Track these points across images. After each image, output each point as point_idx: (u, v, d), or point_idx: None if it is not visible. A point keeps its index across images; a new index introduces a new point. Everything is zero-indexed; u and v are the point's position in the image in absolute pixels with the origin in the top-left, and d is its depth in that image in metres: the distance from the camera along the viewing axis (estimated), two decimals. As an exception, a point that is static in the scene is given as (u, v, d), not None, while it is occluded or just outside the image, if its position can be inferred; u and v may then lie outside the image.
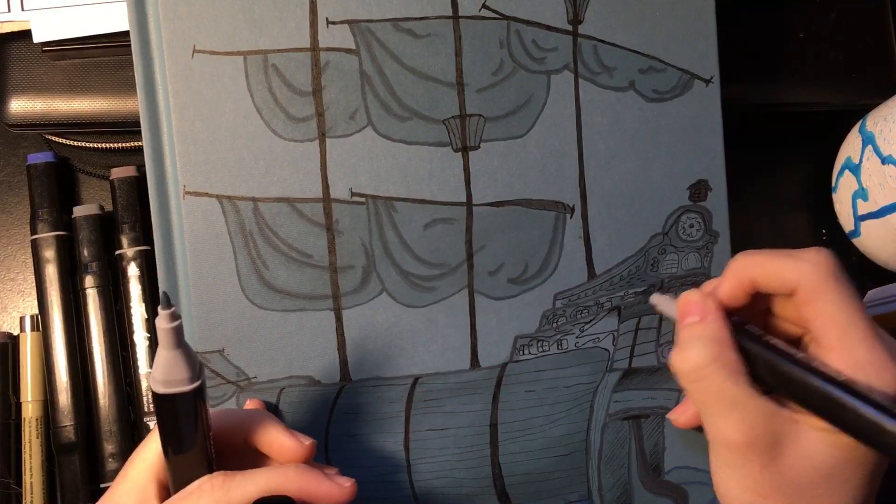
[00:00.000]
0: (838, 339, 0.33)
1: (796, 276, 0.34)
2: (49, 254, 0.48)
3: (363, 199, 0.43)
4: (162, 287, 0.42)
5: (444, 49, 0.43)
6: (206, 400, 0.34)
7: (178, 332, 0.31)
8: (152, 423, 0.47)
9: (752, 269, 0.35)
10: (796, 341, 0.36)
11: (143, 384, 0.48)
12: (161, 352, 0.31)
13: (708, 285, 0.37)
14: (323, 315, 0.43)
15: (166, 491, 0.35)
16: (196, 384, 0.32)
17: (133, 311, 0.48)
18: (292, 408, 0.43)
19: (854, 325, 0.33)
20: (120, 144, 0.51)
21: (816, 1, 0.54)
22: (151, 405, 0.47)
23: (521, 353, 0.44)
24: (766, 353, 0.34)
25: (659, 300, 0.39)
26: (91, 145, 0.51)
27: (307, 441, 0.37)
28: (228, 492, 0.34)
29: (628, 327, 0.45)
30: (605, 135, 0.45)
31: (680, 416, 0.43)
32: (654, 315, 0.46)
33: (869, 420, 0.31)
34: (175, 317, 0.30)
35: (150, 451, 0.36)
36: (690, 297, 0.36)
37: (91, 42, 0.48)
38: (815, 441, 0.33)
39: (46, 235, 0.48)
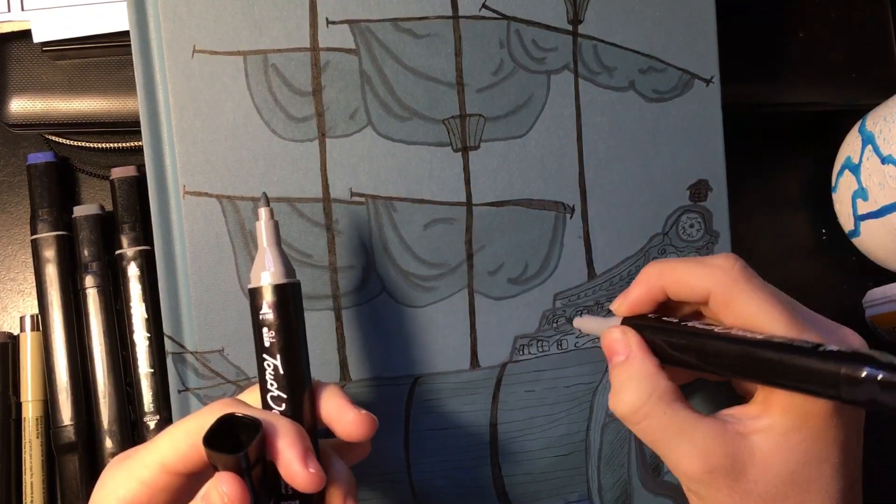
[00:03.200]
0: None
1: (708, 283, 0.34)
2: (49, 253, 0.48)
3: (363, 199, 0.43)
4: (162, 286, 0.42)
5: (444, 49, 0.43)
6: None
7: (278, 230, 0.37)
8: (153, 423, 0.47)
9: (663, 277, 0.35)
10: None
11: (144, 384, 0.48)
12: (272, 249, 0.36)
13: (620, 297, 0.37)
14: (323, 315, 0.43)
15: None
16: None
17: (133, 310, 0.48)
18: (292, 408, 0.43)
19: (775, 318, 0.32)
20: (120, 144, 0.51)
21: (816, 1, 0.54)
22: (152, 405, 0.47)
23: (521, 353, 0.44)
24: (695, 340, 0.34)
25: (581, 322, 0.40)
26: (91, 145, 0.51)
27: (369, 415, 0.37)
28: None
29: (628, 327, 0.45)
30: (605, 135, 0.45)
31: (622, 305, 0.39)
32: (654, 315, 0.46)
33: (811, 366, 0.29)
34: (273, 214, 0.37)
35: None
36: (612, 335, 0.36)
37: (91, 42, 0.48)
38: (767, 449, 0.32)
39: (47, 235, 0.48)
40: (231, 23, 0.41)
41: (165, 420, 0.47)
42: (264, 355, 0.35)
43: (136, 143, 0.50)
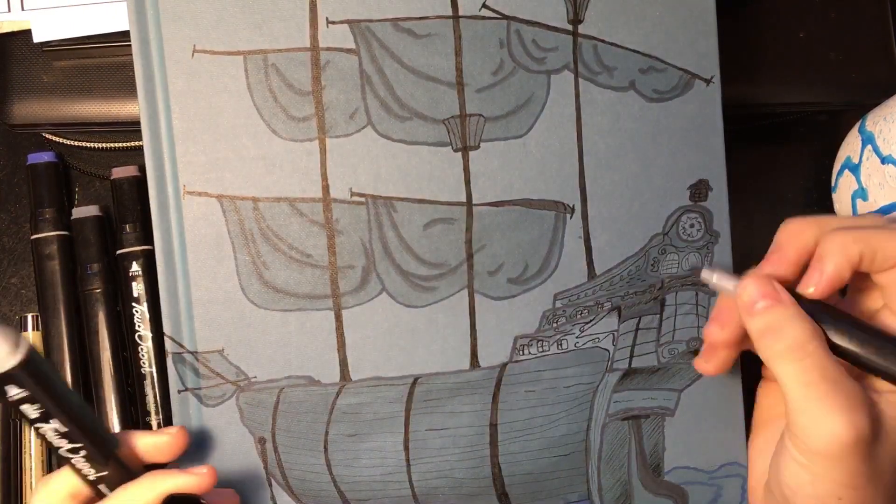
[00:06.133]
0: None
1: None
2: (50, 253, 0.48)
3: (363, 199, 0.43)
4: (162, 286, 0.42)
5: (444, 49, 0.43)
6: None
7: None
8: (154, 424, 0.47)
9: (858, 245, 0.34)
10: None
11: (145, 384, 0.48)
12: None
13: (811, 274, 0.35)
14: (323, 315, 0.43)
15: None
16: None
17: (135, 310, 0.48)
18: (292, 408, 0.43)
19: None
20: (120, 144, 0.51)
21: (816, 1, 0.54)
22: (154, 405, 0.48)
23: (521, 353, 0.44)
24: (849, 328, 0.33)
25: (711, 275, 0.38)
26: (91, 145, 0.51)
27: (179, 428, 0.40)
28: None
29: (628, 327, 0.45)
30: (606, 135, 0.45)
31: (722, 330, 0.38)
32: (654, 315, 0.46)
33: None
34: None
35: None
36: (751, 282, 0.34)
37: (91, 42, 0.48)
38: (893, 415, 0.32)
39: (47, 235, 0.48)
40: (231, 23, 0.41)
41: (166, 420, 0.47)
42: (37, 425, 0.34)
43: (136, 143, 0.50)
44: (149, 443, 0.39)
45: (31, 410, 0.33)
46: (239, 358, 0.42)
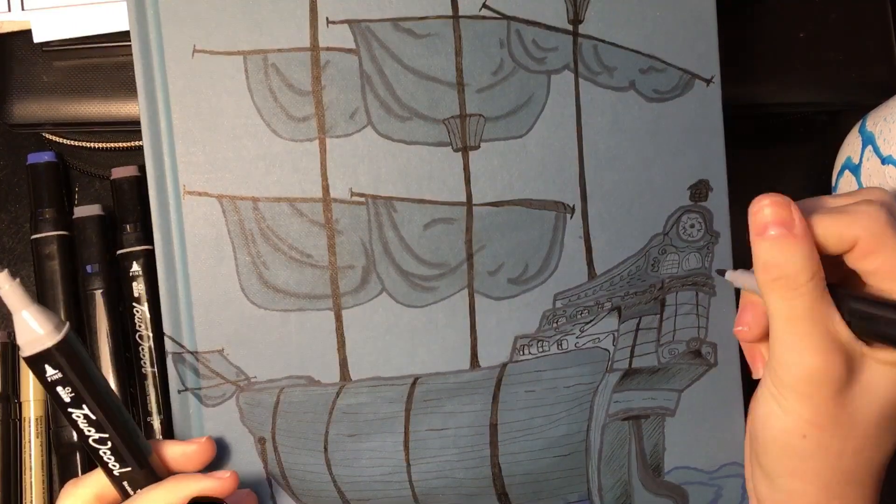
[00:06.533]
0: None
1: (857, 230, 0.33)
2: (50, 253, 0.48)
3: (363, 199, 0.43)
4: (162, 286, 0.42)
5: (444, 49, 0.43)
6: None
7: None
8: (156, 424, 0.47)
9: (812, 230, 0.34)
10: None
11: (147, 383, 0.48)
12: (30, 309, 0.33)
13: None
14: (323, 315, 0.43)
15: None
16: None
17: (135, 310, 0.48)
18: (292, 408, 0.43)
19: None
20: (120, 144, 0.51)
21: (816, 1, 0.54)
22: (156, 406, 0.47)
23: (521, 353, 0.44)
24: (834, 289, 0.34)
25: (736, 276, 0.39)
26: (91, 145, 0.51)
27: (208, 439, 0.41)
28: None
29: (628, 327, 0.45)
30: (606, 135, 0.45)
31: (752, 330, 0.39)
32: (654, 315, 0.46)
33: None
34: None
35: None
36: (769, 201, 0.35)
37: (91, 42, 0.48)
38: (879, 377, 0.33)
39: (48, 235, 0.48)
40: (231, 23, 0.41)
41: (167, 421, 0.47)
42: (69, 409, 0.35)
43: (136, 143, 0.50)
44: (177, 451, 0.40)
45: (64, 394, 0.34)
46: (239, 358, 0.42)
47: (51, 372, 0.34)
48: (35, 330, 0.33)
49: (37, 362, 0.34)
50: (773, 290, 0.34)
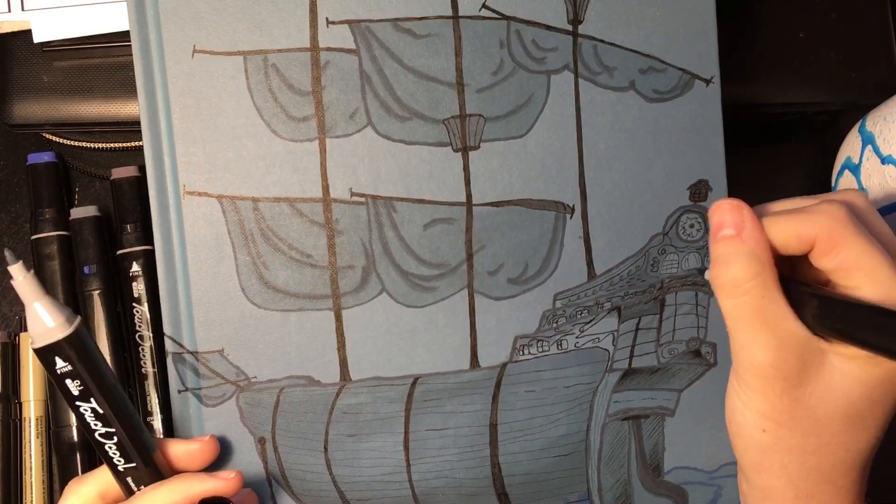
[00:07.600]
0: (868, 280, 0.32)
1: (815, 229, 0.33)
2: (50, 253, 0.48)
3: (363, 199, 0.43)
4: (162, 286, 0.42)
5: (444, 49, 0.43)
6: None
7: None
8: (156, 424, 0.47)
9: (768, 232, 0.35)
10: None
11: (148, 383, 0.48)
12: (43, 301, 0.33)
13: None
14: (323, 315, 0.43)
15: None
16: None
17: (135, 310, 0.48)
18: (292, 408, 0.43)
19: (879, 263, 0.32)
20: (120, 144, 0.51)
21: (816, 1, 0.54)
22: (157, 406, 0.47)
23: (521, 353, 0.44)
24: (797, 287, 0.34)
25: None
26: (91, 145, 0.51)
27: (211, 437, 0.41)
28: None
29: (628, 327, 0.45)
30: (605, 135, 0.45)
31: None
32: (654, 315, 0.46)
33: None
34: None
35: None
36: (725, 205, 0.35)
37: (91, 42, 0.48)
38: (840, 374, 0.33)
39: (47, 235, 0.48)
40: (231, 23, 0.41)
41: (168, 421, 0.47)
42: (77, 403, 0.35)
43: (136, 143, 0.50)
44: (181, 450, 0.40)
45: (73, 386, 0.34)
46: (239, 358, 0.42)
47: (60, 364, 0.34)
48: (46, 322, 0.33)
49: (47, 354, 0.34)
50: (720, 289, 0.35)
